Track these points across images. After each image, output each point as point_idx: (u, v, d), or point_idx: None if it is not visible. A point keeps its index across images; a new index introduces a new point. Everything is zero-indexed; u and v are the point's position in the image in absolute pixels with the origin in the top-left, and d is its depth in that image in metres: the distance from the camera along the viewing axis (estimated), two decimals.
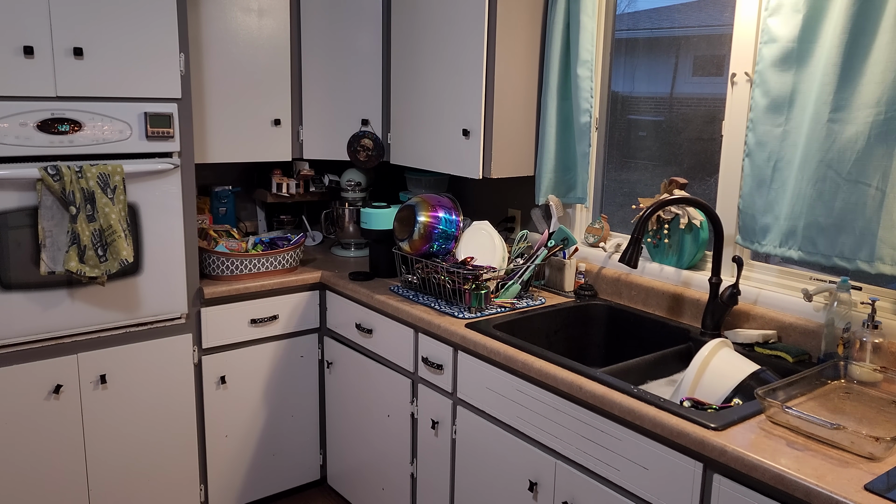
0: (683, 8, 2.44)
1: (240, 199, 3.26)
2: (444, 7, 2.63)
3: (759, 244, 2.05)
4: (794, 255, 1.95)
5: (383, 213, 2.73)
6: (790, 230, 1.95)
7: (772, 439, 1.51)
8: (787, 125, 1.96)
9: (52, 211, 2.24)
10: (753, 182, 2.04)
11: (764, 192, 2.02)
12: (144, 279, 2.48)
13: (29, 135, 2.20)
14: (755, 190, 2.04)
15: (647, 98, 2.56)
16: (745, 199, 2.07)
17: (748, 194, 2.06)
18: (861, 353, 1.81)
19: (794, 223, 1.94)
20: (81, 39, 2.25)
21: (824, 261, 1.89)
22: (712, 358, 1.84)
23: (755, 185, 2.04)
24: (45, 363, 2.34)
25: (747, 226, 2.08)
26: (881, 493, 1.30)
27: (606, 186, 2.70)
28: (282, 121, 2.95)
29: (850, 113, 1.80)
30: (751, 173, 2.05)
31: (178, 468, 2.67)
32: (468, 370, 2.18)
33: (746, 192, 2.07)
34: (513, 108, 2.60)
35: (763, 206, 2.03)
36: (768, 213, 2.02)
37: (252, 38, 2.82)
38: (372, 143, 3.00)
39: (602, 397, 1.74)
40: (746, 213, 2.07)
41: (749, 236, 2.08)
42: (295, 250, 2.86)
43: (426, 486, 2.43)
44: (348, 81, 3.00)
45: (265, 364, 2.82)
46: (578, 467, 1.86)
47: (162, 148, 2.45)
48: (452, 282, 2.37)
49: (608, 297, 2.53)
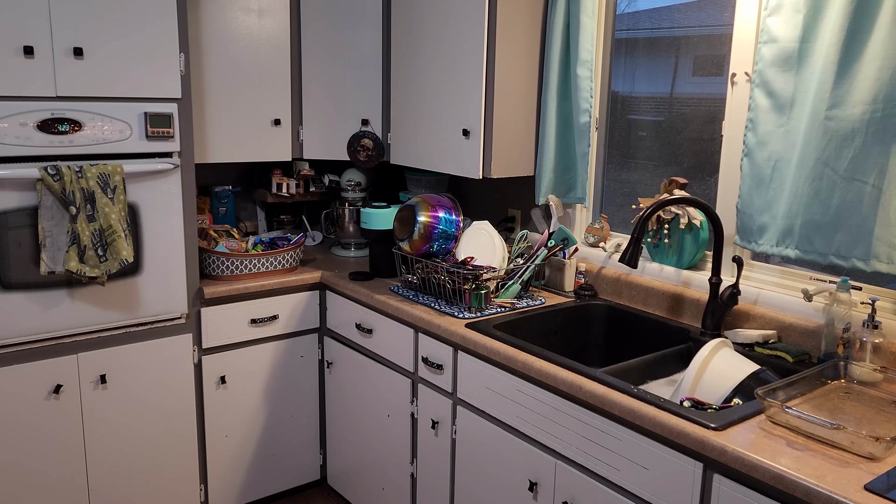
0: (683, 8, 2.44)
1: (240, 199, 3.26)
2: (444, 7, 2.63)
3: (756, 244, 2.05)
4: (790, 255, 1.95)
5: (383, 213, 2.73)
6: (787, 229, 1.95)
7: (772, 439, 1.51)
8: (788, 125, 1.96)
9: (52, 211, 2.24)
10: (752, 181, 2.05)
11: (762, 191, 2.02)
12: (144, 279, 2.48)
13: (29, 135, 2.20)
14: (754, 189, 2.04)
15: (647, 98, 2.56)
16: (744, 199, 2.07)
17: (746, 194, 2.06)
18: (861, 353, 1.81)
19: (791, 222, 1.94)
20: (81, 39, 2.25)
21: (821, 259, 1.89)
22: (712, 358, 1.84)
23: (754, 184, 2.04)
24: (45, 363, 2.34)
25: (745, 225, 2.08)
26: (881, 493, 1.30)
27: (606, 186, 2.70)
28: (282, 121, 2.95)
29: (846, 110, 1.80)
30: (750, 172, 2.05)
31: (178, 468, 2.67)
32: (468, 370, 2.18)
33: (745, 192, 2.07)
34: (513, 108, 2.60)
35: (761, 206, 2.03)
36: (766, 213, 2.02)
37: (252, 38, 2.82)
38: (372, 143, 3.00)
39: (602, 397, 1.74)
40: (744, 212, 2.07)
41: (747, 236, 2.08)
42: (295, 250, 2.86)
43: (426, 486, 2.43)
44: (348, 81, 3.00)
45: (265, 364, 2.82)
46: (578, 467, 1.86)
47: (162, 148, 2.45)
48: (452, 282, 2.37)
49: (608, 297, 2.53)
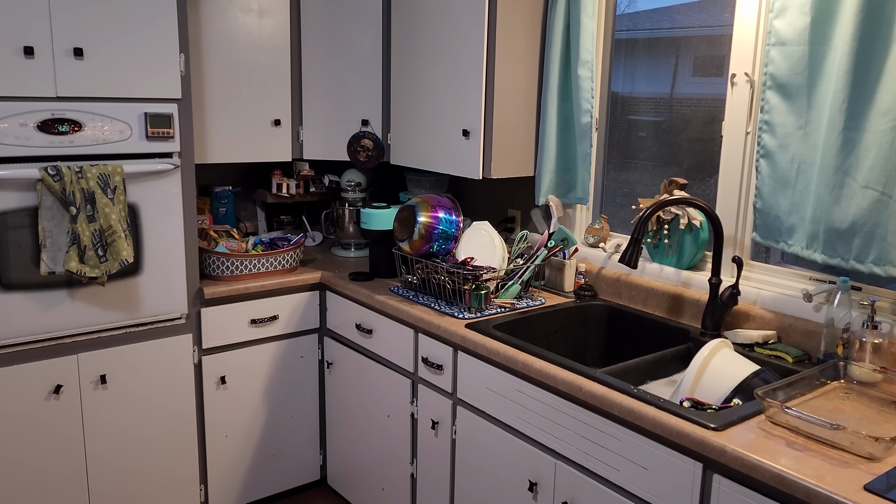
0: (683, 8, 2.44)
1: (240, 199, 3.26)
2: (444, 7, 2.63)
3: (785, 244, 2.00)
4: (817, 258, 1.90)
5: (383, 214, 2.73)
6: (813, 233, 1.91)
7: (772, 439, 1.51)
8: (808, 127, 1.92)
9: (52, 211, 2.24)
10: (776, 183, 2.00)
11: (788, 192, 1.97)
12: (144, 279, 2.48)
13: (29, 135, 2.20)
14: (778, 191, 1.99)
15: (647, 98, 2.56)
16: (766, 200, 2.02)
17: (769, 195, 2.02)
18: (861, 353, 1.81)
19: (817, 226, 1.90)
20: (82, 40, 2.25)
21: (843, 264, 1.85)
22: (712, 358, 1.84)
23: (778, 185, 1.99)
24: (45, 363, 2.34)
25: (771, 225, 2.03)
26: (881, 494, 1.30)
27: (606, 187, 2.70)
28: (282, 121, 2.95)
29: (862, 120, 1.78)
30: (771, 174, 2.00)
31: (178, 468, 2.67)
32: (468, 370, 2.18)
33: (767, 193, 2.02)
34: (513, 108, 2.60)
35: (788, 207, 1.98)
36: (794, 214, 1.97)
37: (252, 39, 2.82)
38: (372, 144, 3.00)
39: (602, 397, 1.74)
40: (768, 213, 2.03)
41: (773, 235, 2.03)
42: (295, 250, 2.86)
43: (426, 487, 2.43)
44: (348, 81, 3.00)
45: (265, 364, 2.82)
46: (578, 467, 1.86)
47: (162, 148, 2.45)
48: (452, 282, 2.37)
49: (608, 297, 2.53)
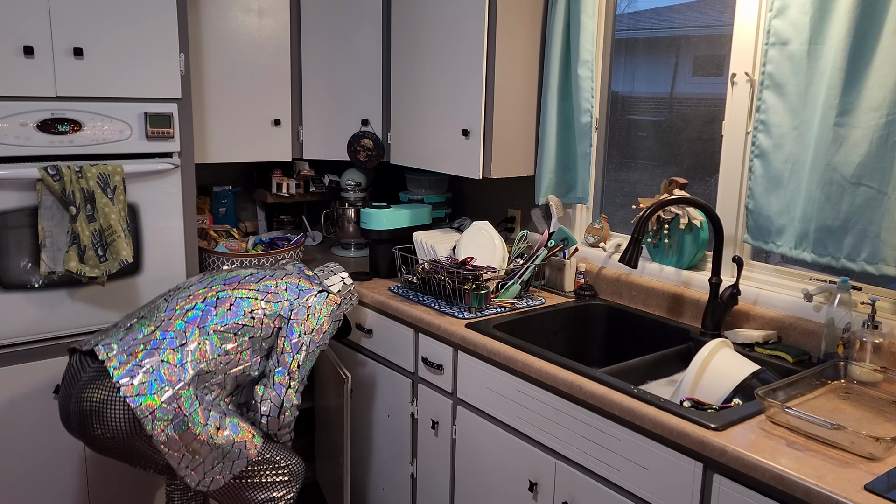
0: (683, 8, 2.44)
1: (240, 199, 3.26)
2: (444, 7, 2.63)
3: (774, 244, 2.00)
4: (806, 258, 1.91)
5: (383, 213, 2.73)
6: (803, 232, 1.92)
7: (772, 439, 1.51)
8: (802, 127, 1.93)
9: (52, 211, 2.24)
10: (768, 183, 2.00)
11: (780, 193, 1.98)
12: (144, 279, 2.48)
13: (29, 135, 2.20)
14: (771, 191, 2.00)
15: (647, 98, 2.56)
16: (758, 200, 2.03)
17: (761, 195, 2.02)
18: (861, 353, 1.81)
19: (807, 225, 1.90)
20: (81, 39, 2.25)
21: (834, 263, 1.85)
22: (712, 358, 1.84)
23: (771, 186, 2.00)
24: (46, 363, 2.33)
25: (761, 226, 2.04)
26: (881, 494, 1.30)
27: (606, 186, 2.70)
28: (282, 121, 2.95)
29: (854, 116, 1.79)
30: (764, 174, 2.01)
31: None
32: (468, 370, 2.18)
33: (759, 193, 2.02)
34: (513, 108, 2.60)
35: (779, 208, 1.99)
36: (784, 215, 1.98)
37: (252, 38, 2.82)
38: (372, 143, 2.99)
39: (602, 397, 1.74)
40: (759, 213, 2.03)
41: (763, 236, 2.03)
42: (295, 250, 2.86)
43: (426, 487, 2.43)
44: (348, 81, 2.99)
45: None
46: (578, 467, 1.86)
47: (162, 148, 2.45)
48: (452, 282, 2.37)
49: (608, 297, 2.53)
